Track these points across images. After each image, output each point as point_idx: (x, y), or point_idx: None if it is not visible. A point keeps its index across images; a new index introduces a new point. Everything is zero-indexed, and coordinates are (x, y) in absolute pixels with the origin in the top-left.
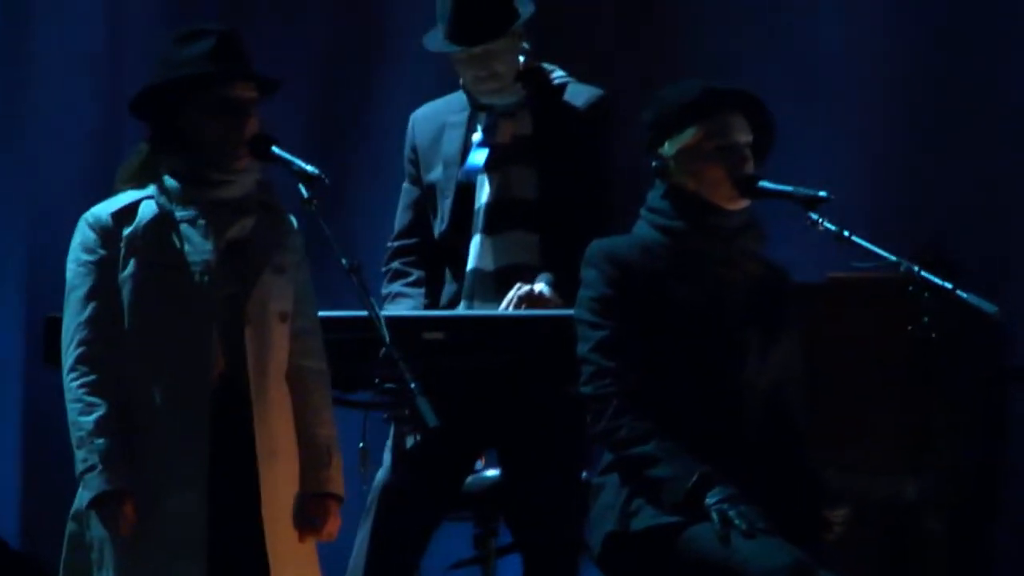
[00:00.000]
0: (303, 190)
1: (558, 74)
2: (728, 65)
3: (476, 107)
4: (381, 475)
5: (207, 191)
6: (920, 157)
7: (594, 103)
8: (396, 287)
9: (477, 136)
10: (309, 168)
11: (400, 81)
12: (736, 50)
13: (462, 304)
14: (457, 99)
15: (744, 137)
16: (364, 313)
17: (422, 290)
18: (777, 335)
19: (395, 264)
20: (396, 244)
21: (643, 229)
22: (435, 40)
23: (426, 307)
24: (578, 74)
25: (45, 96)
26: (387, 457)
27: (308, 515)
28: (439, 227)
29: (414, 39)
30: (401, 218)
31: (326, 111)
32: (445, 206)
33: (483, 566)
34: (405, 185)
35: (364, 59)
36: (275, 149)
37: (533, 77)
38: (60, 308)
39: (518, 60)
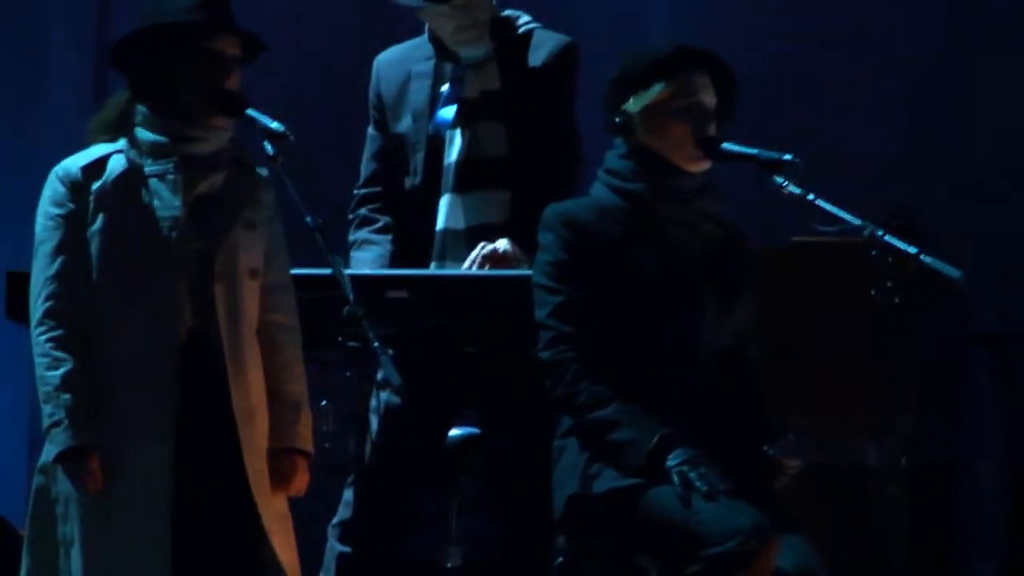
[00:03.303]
0: (268, 147)
1: (524, 19)
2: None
3: (442, 58)
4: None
5: (179, 146)
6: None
7: (560, 51)
8: (363, 234)
9: (445, 88)
10: (274, 125)
11: (368, 32)
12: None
13: (433, 264)
14: (422, 46)
15: (710, 99)
16: (328, 271)
17: (389, 236)
18: (734, 297)
19: (362, 211)
20: (363, 191)
21: (600, 191)
22: None
23: (393, 255)
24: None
25: None
26: (373, 420)
27: (277, 471)
28: (412, 181)
29: None
30: (367, 165)
31: (293, 65)
32: (417, 160)
33: (444, 524)
34: (370, 131)
35: (333, 11)
36: (249, 111)
37: (500, 27)
38: (24, 264)
39: (490, 7)
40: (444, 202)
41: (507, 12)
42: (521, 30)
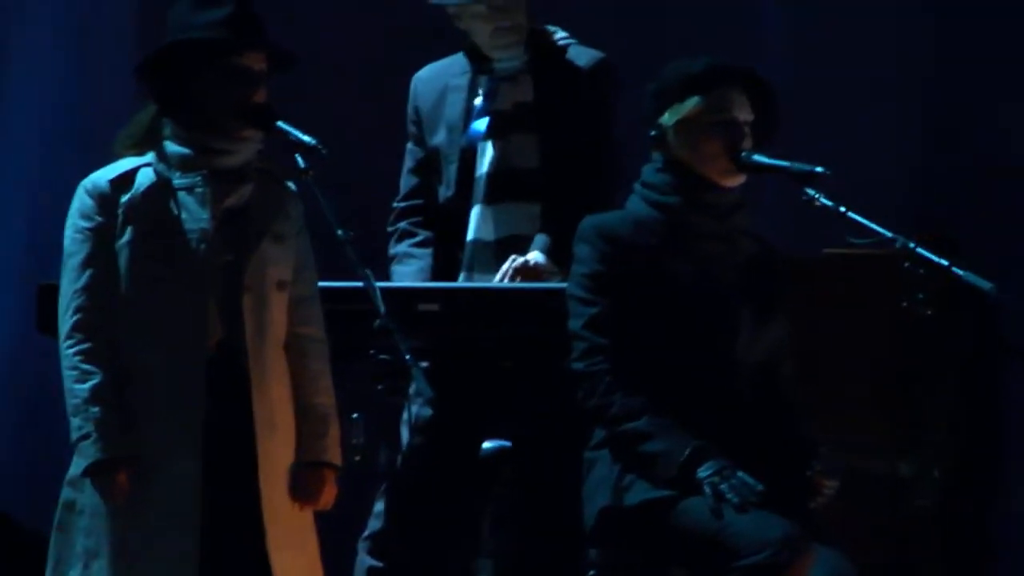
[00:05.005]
0: (300, 160)
1: (560, 35)
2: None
3: (477, 71)
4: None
5: (208, 159)
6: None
7: (595, 66)
8: (404, 248)
9: (479, 100)
10: (306, 138)
11: (402, 46)
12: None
13: (461, 275)
14: (458, 61)
15: (744, 115)
16: (359, 284)
17: (429, 251)
18: (769, 312)
19: (402, 224)
20: (403, 205)
21: (636, 204)
22: None
23: (432, 268)
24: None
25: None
26: (404, 432)
27: (305, 484)
28: (445, 192)
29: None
30: (407, 180)
31: (325, 78)
32: (451, 172)
33: (475, 537)
34: (409, 146)
35: (367, 25)
36: (280, 124)
37: (536, 39)
38: (55, 276)
39: (527, 14)
40: (475, 213)
41: (545, 27)
42: (558, 44)
